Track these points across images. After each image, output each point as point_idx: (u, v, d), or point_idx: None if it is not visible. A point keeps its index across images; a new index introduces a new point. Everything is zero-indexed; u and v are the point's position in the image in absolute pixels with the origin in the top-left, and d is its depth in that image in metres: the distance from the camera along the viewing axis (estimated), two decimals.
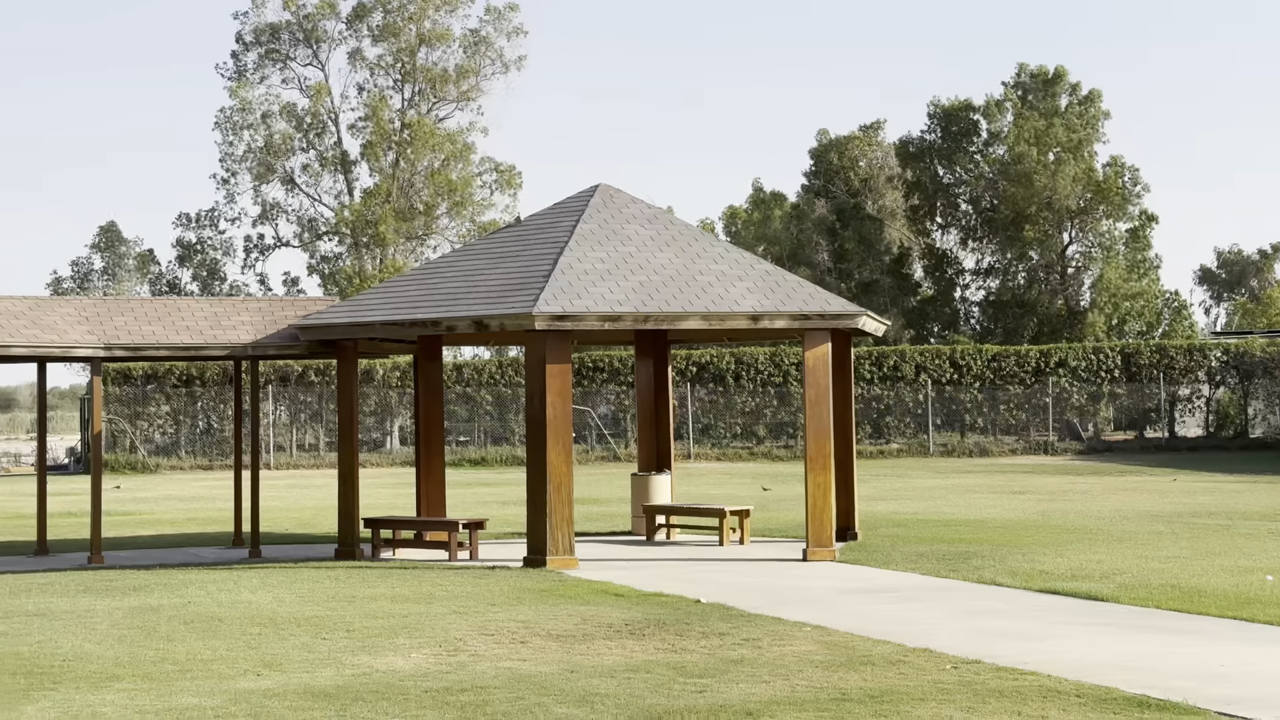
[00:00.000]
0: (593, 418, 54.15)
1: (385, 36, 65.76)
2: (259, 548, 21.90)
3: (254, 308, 23.04)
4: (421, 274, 22.50)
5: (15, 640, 13.25)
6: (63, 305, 22.73)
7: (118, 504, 33.02)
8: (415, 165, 65.16)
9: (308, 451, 54.18)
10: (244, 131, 66.73)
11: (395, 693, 10.64)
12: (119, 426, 52.22)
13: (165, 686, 10.98)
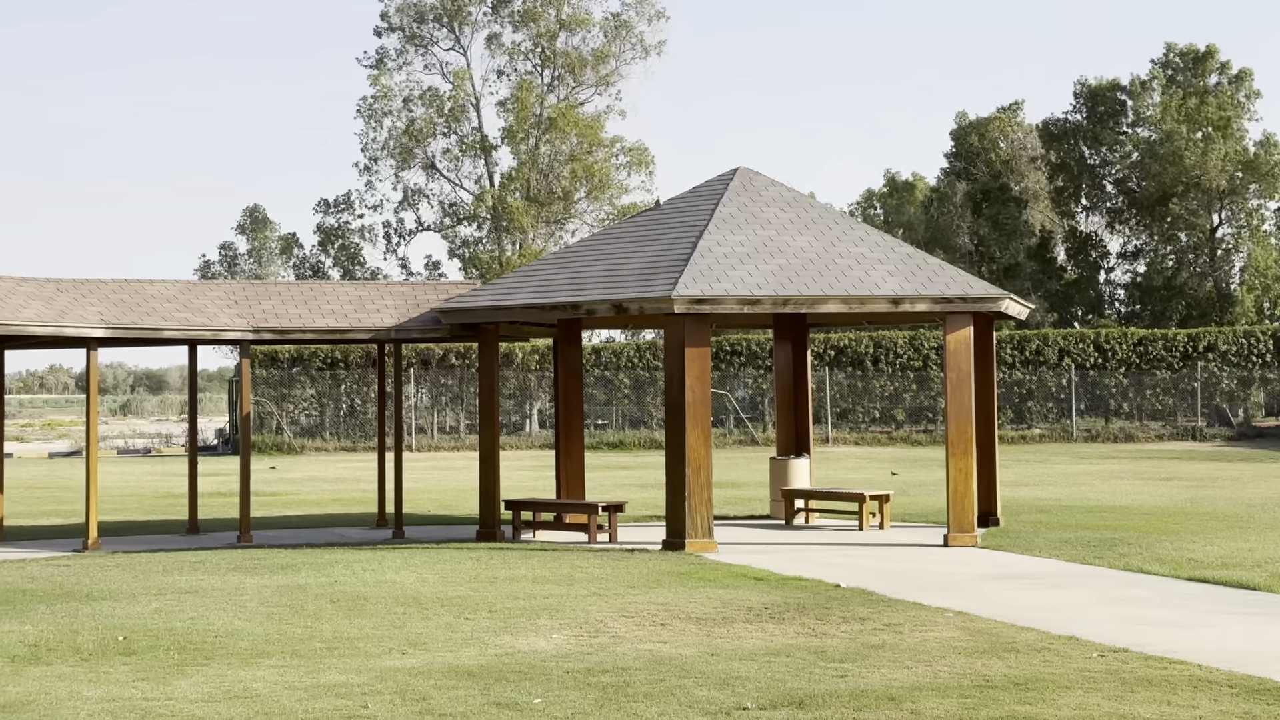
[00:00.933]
0: (730, 401, 54.10)
1: (525, 21, 66.17)
2: (402, 528, 22.21)
3: (397, 291, 23.35)
4: (561, 258, 22.64)
5: (169, 616, 13.59)
6: (213, 289, 23.22)
7: (265, 484, 33.70)
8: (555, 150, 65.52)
9: (448, 434, 54.82)
10: (385, 118, 67.58)
11: (538, 673, 10.73)
12: (266, 408, 53.26)
13: (313, 663, 11.19)
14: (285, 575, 16.75)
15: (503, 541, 20.85)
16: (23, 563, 18.58)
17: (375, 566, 17.56)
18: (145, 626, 12.95)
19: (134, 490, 33.24)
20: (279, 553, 19.34)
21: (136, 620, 13.34)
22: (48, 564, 18.39)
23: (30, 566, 18.11)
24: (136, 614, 13.76)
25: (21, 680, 10.50)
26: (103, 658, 11.45)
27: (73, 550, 20.18)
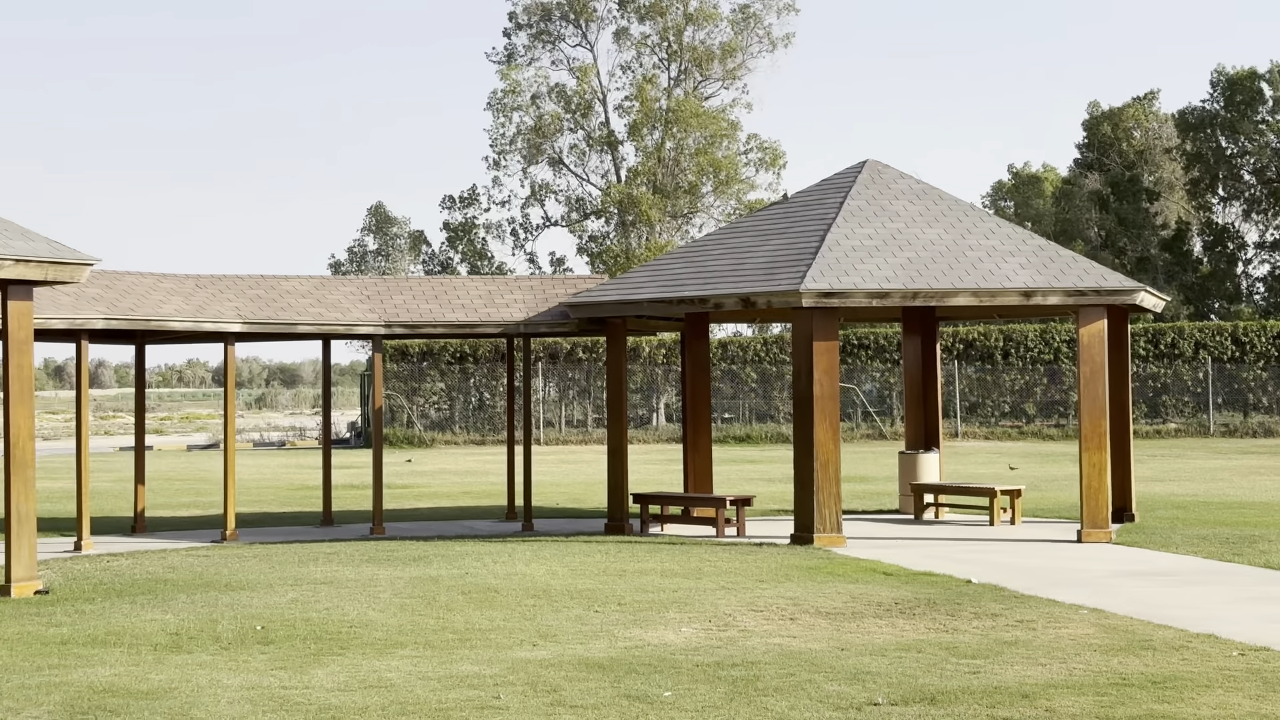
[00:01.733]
0: (858, 395, 53.77)
1: (652, 15, 66.28)
2: (531, 521, 22.39)
3: (525, 286, 23.52)
4: (689, 252, 22.65)
5: (305, 607, 13.83)
6: (345, 285, 23.57)
7: (396, 477, 34.14)
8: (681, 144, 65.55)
9: (576, 427, 55.10)
10: (513, 114, 68.05)
11: (667, 666, 10.76)
12: (397, 402, 53.94)
13: (446, 654, 11.32)
14: (417, 567, 16.96)
15: (631, 535, 20.93)
16: (164, 553, 19.02)
17: (505, 559, 17.72)
18: (282, 616, 13.19)
19: (269, 482, 33.85)
20: (411, 545, 19.59)
21: (274, 610, 13.59)
22: (188, 554, 18.81)
23: (171, 557, 18.53)
24: (274, 604, 14.02)
25: (164, 668, 10.75)
26: (241, 647, 11.68)
27: (212, 541, 20.62)
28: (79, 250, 15.12)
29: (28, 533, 14.89)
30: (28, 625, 12.68)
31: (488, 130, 68.34)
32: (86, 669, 10.66)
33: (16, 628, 12.54)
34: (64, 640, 11.91)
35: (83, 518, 19.88)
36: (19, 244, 14.64)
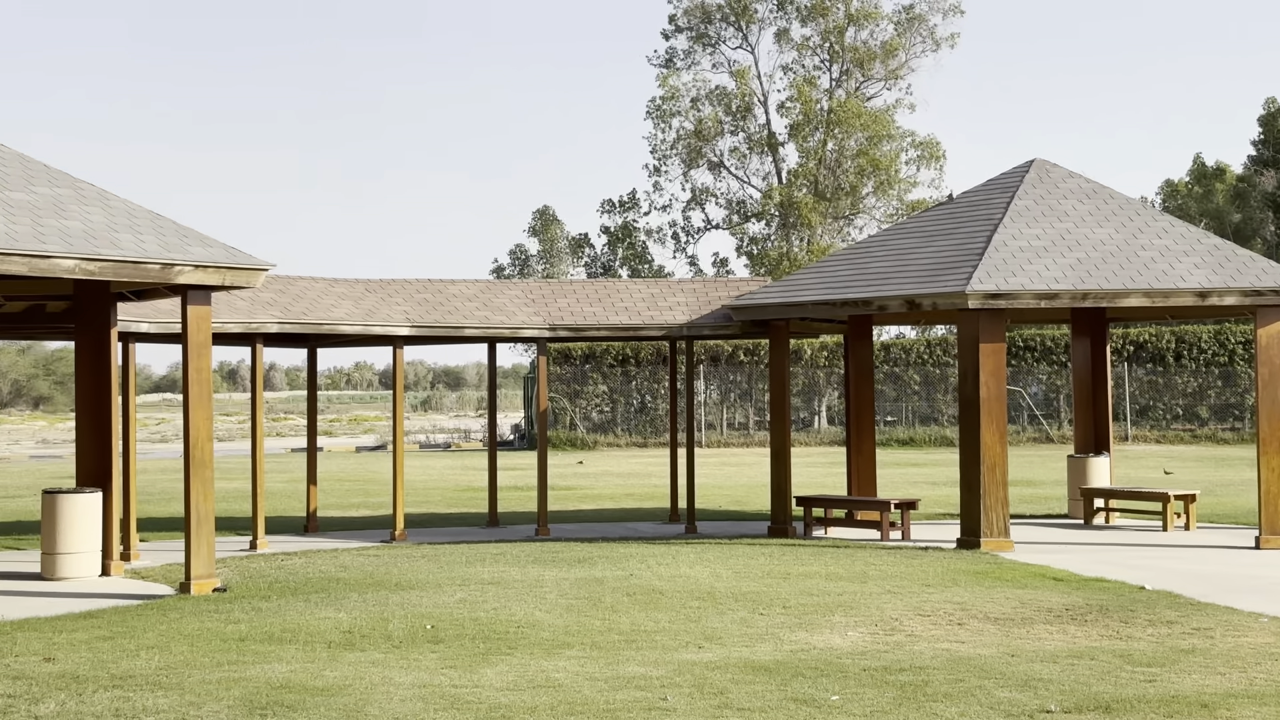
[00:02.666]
0: (1024, 398, 52.94)
1: (813, 16, 66.01)
2: (694, 524, 22.42)
3: (688, 289, 23.57)
4: (851, 254, 22.51)
5: (473, 607, 14.00)
6: (510, 288, 23.83)
7: (560, 479, 34.42)
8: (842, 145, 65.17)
9: (737, 430, 55.06)
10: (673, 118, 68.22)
11: (834, 670, 10.70)
12: (560, 404, 54.39)
13: (612, 655, 11.38)
14: (582, 568, 17.08)
15: (794, 538, 20.85)
16: (335, 552, 19.40)
17: (669, 561, 17.76)
18: (451, 616, 13.37)
19: (436, 483, 34.33)
20: (575, 546, 19.74)
21: (443, 609, 13.79)
22: (358, 554, 19.16)
23: (342, 556, 18.90)
24: (442, 603, 14.22)
25: (338, 665, 10.97)
26: (412, 645, 11.87)
27: (381, 541, 20.98)
28: (255, 256, 15.50)
29: (206, 532, 15.29)
30: (207, 622, 13.03)
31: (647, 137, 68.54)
32: (264, 665, 10.92)
33: (196, 624, 12.89)
34: (242, 637, 12.21)
35: (258, 517, 20.36)
36: (198, 250, 15.05)
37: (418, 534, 21.96)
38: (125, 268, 14.32)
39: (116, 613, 13.77)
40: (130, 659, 11.16)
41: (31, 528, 23.23)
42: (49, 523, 16.65)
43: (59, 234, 14.04)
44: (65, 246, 13.83)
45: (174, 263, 14.65)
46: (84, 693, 9.89)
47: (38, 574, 16.92)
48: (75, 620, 13.26)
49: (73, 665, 10.90)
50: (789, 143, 66.90)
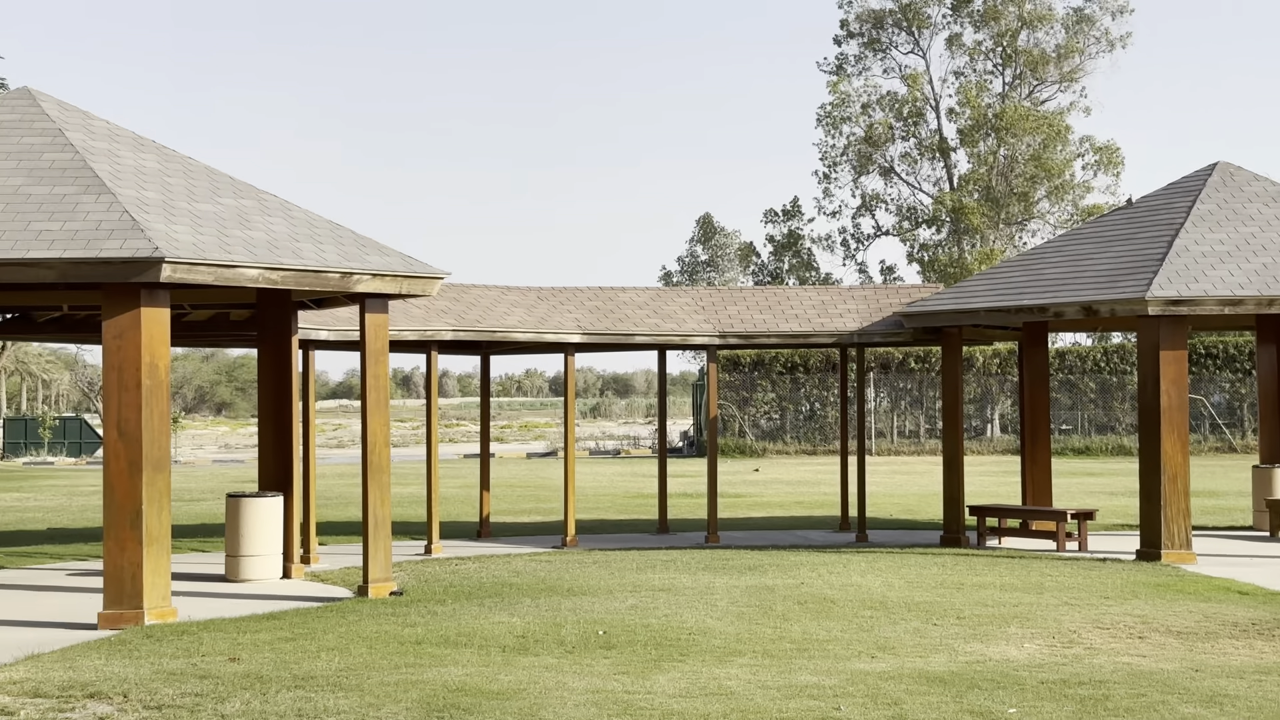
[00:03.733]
0: (1206, 406, 51.59)
1: (986, 20, 65.16)
2: (865, 532, 22.24)
3: (858, 296, 23.41)
4: (1026, 260, 22.16)
5: (645, 613, 14.06)
6: (680, 295, 23.89)
7: (729, 486, 34.41)
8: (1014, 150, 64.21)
9: (908, 438, 54.52)
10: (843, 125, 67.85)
11: (1010, 682, 10.53)
12: (728, 411, 54.37)
13: (784, 664, 11.34)
14: (753, 576, 17.05)
15: (967, 547, 20.58)
16: (508, 557, 19.62)
17: (840, 569, 17.65)
18: (623, 622, 13.44)
19: (606, 490, 34.54)
20: (745, 553, 19.71)
21: (614, 615, 13.86)
22: (531, 559, 19.35)
23: (515, 561, 19.11)
24: (614, 609, 14.30)
25: (512, 669, 11.09)
26: (585, 650, 11.95)
27: (553, 547, 21.17)
28: (430, 264, 15.75)
29: (383, 536, 15.57)
30: (384, 625, 13.26)
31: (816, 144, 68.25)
32: (440, 668, 11.08)
33: (374, 627, 13.13)
34: (418, 640, 12.40)
35: (433, 522, 20.67)
36: (375, 259, 15.34)
37: (589, 540, 22.11)
38: (306, 276, 14.65)
39: (298, 614, 14.09)
40: (311, 660, 11.40)
41: (215, 530, 23.88)
42: (233, 526, 17.10)
43: (243, 244, 14.42)
44: (249, 256, 14.20)
45: (353, 271, 14.95)
46: (267, 692, 10.13)
47: (222, 575, 17.38)
48: (258, 621, 13.59)
49: (256, 665, 11.17)
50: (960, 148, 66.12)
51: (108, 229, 13.72)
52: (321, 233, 15.49)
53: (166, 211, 14.46)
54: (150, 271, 13.37)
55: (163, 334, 13.78)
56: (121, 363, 13.61)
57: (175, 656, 11.59)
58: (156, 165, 15.70)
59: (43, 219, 13.93)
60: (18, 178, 14.63)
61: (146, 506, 13.57)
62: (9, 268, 13.45)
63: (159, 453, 13.70)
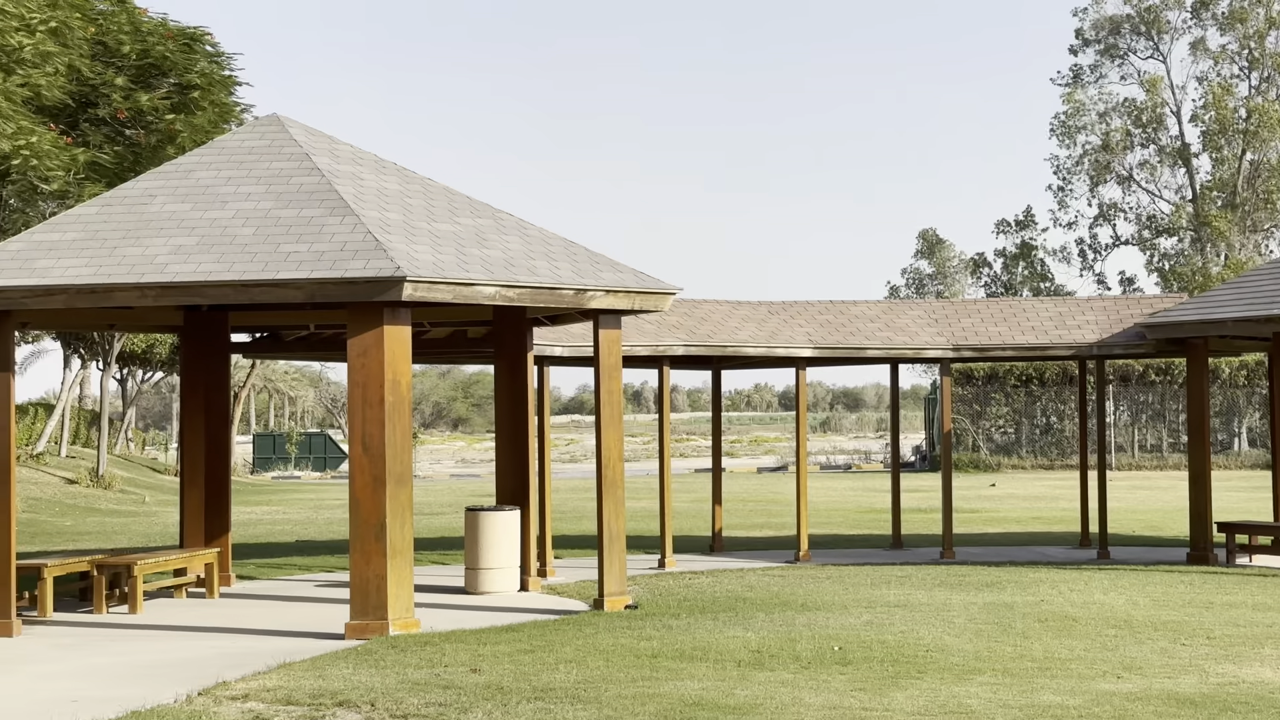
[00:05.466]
0: None
1: (1231, 23, 63.09)
2: (1107, 548, 21.67)
3: (1097, 307, 22.84)
4: (1276, 267, 21.34)
5: (880, 629, 13.91)
6: (912, 308, 23.62)
7: (964, 501, 33.87)
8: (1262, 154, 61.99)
9: (1149, 452, 53.00)
10: (1078, 134, 66.39)
11: (1266, 705, 10.14)
12: (961, 425, 53.56)
13: (1025, 683, 11.10)
14: (990, 592, 16.75)
15: (1215, 565, 19.90)
16: (742, 572, 19.62)
17: (1081, 587, 17.22)
18: (858, 638, 13.32)
19: (837, 505, 34.32)
20: (982, 570, 19.37)
21: (849, 631, 13.75)
22: (764, 574, 19.32)
23: (748, 576, 19.09)
24: (849, 625, 14.18)
25: (748, 684, 11.08)
26: (820, 666, 11.87)
27: (785, 562, 21.10)
28: (663, 280, 15.86)
29: (618, 550, 15.71)
30: (620, 638, 13.37)
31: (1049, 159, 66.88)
32: (676, 682, 11.13)
33: (610, 640, 13.25)
34: (654, 653, 12.47)
35: (666, 536, 20.79)
36: (609, 275, 15.51)
37: (821, 555, 21.98)
38: (542, 293, 14.88)
39: (536, 627, 14.30)
40: (550, 672, 11.56)
41: (454, 543, 24.39)
42: (471, 539, 17.44)
43: (481, 263, 14.72)
44: (487, 274, 14.48)
45: (587, 288, 15.14)
46: (508, 703, 10.30)
47: (461, 588, 17.73)
48: (498, 633, 13.83)
49: (497, 676, 11.37)
50: (1203, 154, 64.13)
51: (352, 249, 14.14)
52: (556, 250, 15.72)
53: (407, 232, 14.84)
54: (392, 290, 13.74)
55: (404, 351, 14.13)
56: (366, 379, 14.00)
57: (419, 667, 11.86)
58: (398, 187, 16.13)
59: (291, 241, 14.42)
60: (268, 201, 15.18)
61: (390, 520, 13.92)
62: (261, 288, 13.96)
63: (401, 467, 14.05)
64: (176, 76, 23.25)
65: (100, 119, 23.26)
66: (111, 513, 36.73)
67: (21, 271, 14.35)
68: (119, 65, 23.03)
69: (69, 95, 21.93)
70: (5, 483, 14.39)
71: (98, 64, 22.67)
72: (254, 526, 30.17)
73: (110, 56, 22.93)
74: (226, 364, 18.86)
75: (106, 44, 22.80)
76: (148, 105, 22.89)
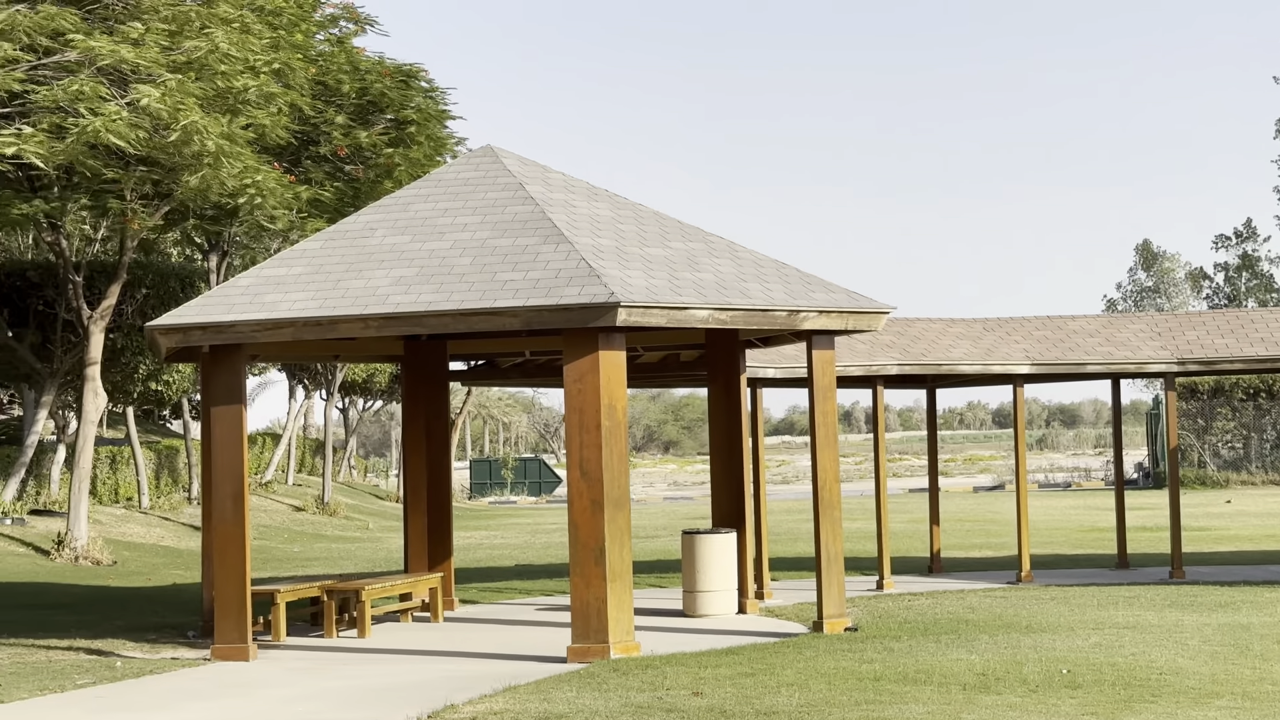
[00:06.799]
0: None
1: None
2: None
3: None
4: None
5: (1110, 652, 13.55)
6: (1133, 322, 23.03)
7: (1190, 519, 32.86)
8: None
9: None
10: None
11: None
12: (1186, 441, 52.02)
13: (1267, 707, 10.70)
14: (1225, 613, 16.20)
15: None
16: (962, 593, 19.31)
17: None
18: (1087, 660, 12.99)
19: (1058, 524, 33.58)
20: (1215, 589, 18.76)
21: (1077, 653, 13.42)
22: (984, 595, 18.99)
23: (969, 597, 18.79)
24: (1076, 647, 13.85)
25: (975, 708, 10.88)
26: (1049, 689, 11.61)
27: (1007, 583, 20.71)
28: (875, 299, 15.73)
29: (837, 572, 15.60)
30: (841, 661, 13.26)
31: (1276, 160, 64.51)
32: (900, 705, 10.98)
33: (831, 663, 13.14)
34: (876, 676, 12.33)
35: (883, 557, 20.57)
36: (821, 296, 15.43)
37: (1044, 575, 21.53)
38: (754, 316, 14.87)
39: (755, 649, 14.25)
40: (772, 695, 11.50)
41: (670, 566, 24.47)
42: (688, 562, 17.48)
43: (693, 286, 14.78)
44: (699, 298, 14.53)
45: (800, 309, 15.09)
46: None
47: (679, 610, 17.78)
48: (718, 656, 13.82)
49: (719, 700, 11.36)
50: None
51: (566, 276, 14.31)
52: (767, 272, 15.70)
53: (620, 257, 14.98)
54: (607, 316, 13.86)
55: (620, 376, 14.24)
56: (582, 405, 14.14)
57: (641, 690, 11.91)
58: (609, 213, 16.29)
59: (507, 269, 14.66)
60: (484, 231, 15.46)
61: (609, 544, 14.02)
62: (479, 316, 14.21)
63: (619, 491, 14.15)
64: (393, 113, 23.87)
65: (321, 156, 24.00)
66: (337, 539, 37.74)
67: (251, 306, 14.84)
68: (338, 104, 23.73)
69: (291, 134, 22.65)
70: (240, 511, 14.88)
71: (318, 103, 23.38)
72: (474, 551, 30.69)
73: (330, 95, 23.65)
74: (446, 392, 19.24)
75: (326, 83, 23.52)
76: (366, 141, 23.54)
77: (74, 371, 29.25)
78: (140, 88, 18.72)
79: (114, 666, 14.26)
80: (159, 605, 20.56)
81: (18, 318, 29.52)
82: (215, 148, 19.64)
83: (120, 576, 25.02)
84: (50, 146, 18.49)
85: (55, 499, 31.61)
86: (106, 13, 19.70)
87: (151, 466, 38.60)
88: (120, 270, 25.41)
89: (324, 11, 25.01)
